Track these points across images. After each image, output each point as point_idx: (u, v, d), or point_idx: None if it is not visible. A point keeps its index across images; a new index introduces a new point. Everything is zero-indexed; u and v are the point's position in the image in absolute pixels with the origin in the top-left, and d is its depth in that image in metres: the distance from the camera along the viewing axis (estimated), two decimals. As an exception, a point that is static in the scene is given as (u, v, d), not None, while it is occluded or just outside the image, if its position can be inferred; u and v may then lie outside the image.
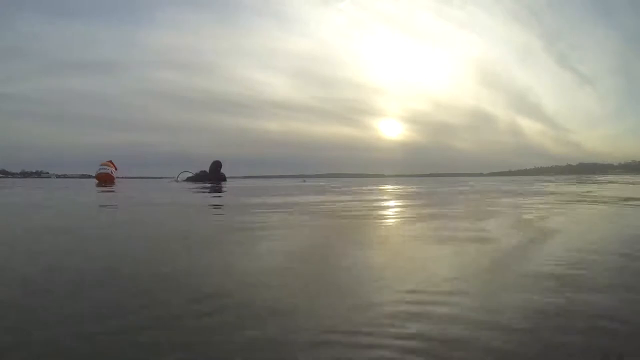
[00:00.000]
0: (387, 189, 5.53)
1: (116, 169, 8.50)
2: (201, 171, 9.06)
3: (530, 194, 3.91)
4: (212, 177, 9.07)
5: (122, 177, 9.64)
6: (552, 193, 3.98)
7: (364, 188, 5.77)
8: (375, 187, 6.13)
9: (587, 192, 4.18)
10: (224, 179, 9.23)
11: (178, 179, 8.77)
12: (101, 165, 8.42)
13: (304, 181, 13.12)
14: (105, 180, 8.24)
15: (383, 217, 2.01)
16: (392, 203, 3.04)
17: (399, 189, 5.80)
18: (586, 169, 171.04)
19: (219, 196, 4.10)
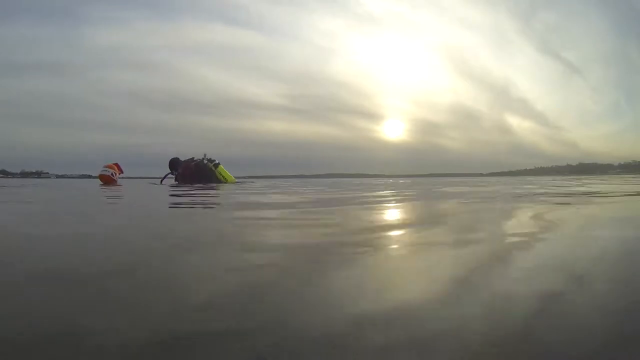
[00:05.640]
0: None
1: (120, 173, 8.61)
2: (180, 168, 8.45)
3: None
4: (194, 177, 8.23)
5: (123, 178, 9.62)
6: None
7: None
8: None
9: None
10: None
11: (162, 182, 8.53)
12: (104, 167, 8.42)
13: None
14: (105, 181, 8.38)
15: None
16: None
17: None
18: (586, 169, 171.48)
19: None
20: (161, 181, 8.60)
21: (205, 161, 8.56)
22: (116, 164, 8.39)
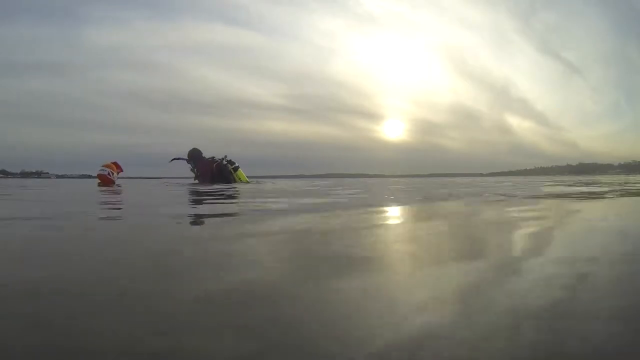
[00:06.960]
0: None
1: (119, 171, 8.51)
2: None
3: None
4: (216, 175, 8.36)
5: (125, 177, 9.57)
6: None
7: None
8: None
9: None
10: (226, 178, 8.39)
11: (171, 161, 9.09)
12: (102, 166, 8.34)
13: None
14: (103, 181, 8.26)
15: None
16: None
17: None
18: (586, 169, 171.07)
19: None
20: (170, 160, 8.99)
21: (225, 162, 8.71)
22: (114, 163, 8.35)
